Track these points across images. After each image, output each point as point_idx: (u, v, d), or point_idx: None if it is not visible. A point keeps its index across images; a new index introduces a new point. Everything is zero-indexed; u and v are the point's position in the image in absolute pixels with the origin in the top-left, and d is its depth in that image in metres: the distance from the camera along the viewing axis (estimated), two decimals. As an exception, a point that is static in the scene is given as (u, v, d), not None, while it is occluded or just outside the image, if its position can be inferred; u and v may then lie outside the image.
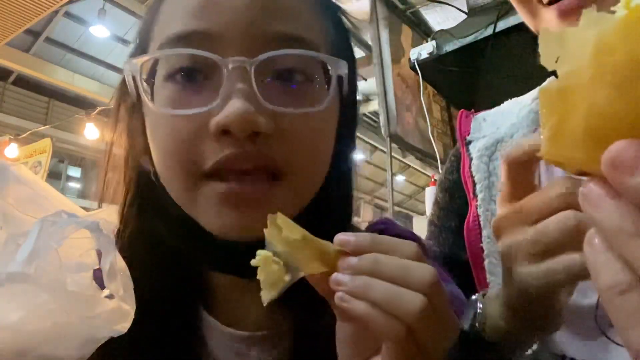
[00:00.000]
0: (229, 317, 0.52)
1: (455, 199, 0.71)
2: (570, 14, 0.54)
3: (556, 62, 0.25)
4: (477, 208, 0.66)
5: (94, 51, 7.69)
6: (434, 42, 2.52)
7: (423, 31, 3.40)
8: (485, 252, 0.64)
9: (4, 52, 5.80)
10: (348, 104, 0.49)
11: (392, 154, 3.27)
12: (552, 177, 0.64)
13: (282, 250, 0.34)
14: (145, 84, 0.43)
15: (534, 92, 0.72)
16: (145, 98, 0.43)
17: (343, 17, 0.51)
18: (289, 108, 0.41)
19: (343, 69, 0.44)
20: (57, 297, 0.48)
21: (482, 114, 0.75)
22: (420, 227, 2.87)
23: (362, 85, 8.28)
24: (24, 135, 6.98)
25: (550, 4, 0.56)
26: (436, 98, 3.35)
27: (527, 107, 0.71)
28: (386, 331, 0.33)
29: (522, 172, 0.41)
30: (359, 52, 6.59)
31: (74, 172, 10.76)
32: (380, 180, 14.00)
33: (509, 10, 2.02)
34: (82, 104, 8.26)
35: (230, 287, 0.52)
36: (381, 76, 3.17)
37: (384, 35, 3.22)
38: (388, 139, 3.12)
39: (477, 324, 0.51)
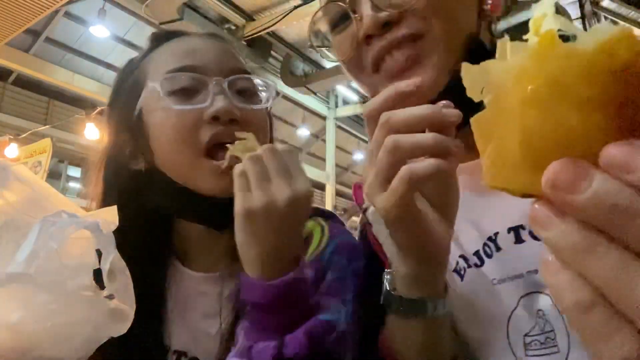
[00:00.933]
0: (196, 265, 0.74)
1: (373, 262, 0.70)
2: (396, 77, 0.59)
3: (482, 93, 0.27)
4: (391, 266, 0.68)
5: (94, 51, 7.69)
6: (434, 42, 2.52)
7: (423, 31, 3.38)
8: None
9: (4, 52, 5.79)
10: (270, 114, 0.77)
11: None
12: None
13: (242, 148, 0.60)
14: (156, 95, 0.65)
15: None
16: (167, 99, 0.64)
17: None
18: (249, 105, 0.68)
19: (276, 89, 0.73)
20: (57, 297, 0.48)
21: None
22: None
23: (362, 85, 8.29)
24: (24, 135, 6.98)
25: (375, 71, 0.60)
26: (436, 98, 3.35)
27: None
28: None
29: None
30: (359, 52, 6.60)
31: (74, 172, 10.75)
32: (380, 180, 13.96)
33: (509, 10, 2.02)
34: (82, 104, 8.25)
35: (197, 240, 0.73)
36: (381, 76, 3.18)
37: (384, 35, 3.22)
38: (388, 139, 3.12)
39: (389, 288, 0.54)
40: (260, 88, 0.72)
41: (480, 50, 0.57)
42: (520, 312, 0.56)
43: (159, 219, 0.72)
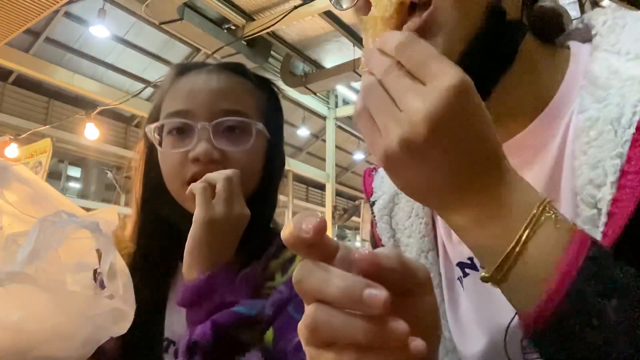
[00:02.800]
0: None
1: None
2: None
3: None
4: None
5: (94, 51, 7.68)
6: (433, 42, 2.52)
7: (423, 31, 3.39)
8: None
9: (4, 52, 5.78)
10: (274, 141, 0.84)
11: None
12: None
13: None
14: (157, 136, 0.80)
15: None
16: (157, 145, 0.80)
17: (274, 88, 0.90)
18: (230, 147, 0.77)
19: (259, 127, 0.79)
20: (57, 297, 0.48)
21: None
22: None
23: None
24: (24, 135, 6.97)
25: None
26: (436, 98, 3.35)
27: None
28: None
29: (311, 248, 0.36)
30: (359, 52, 6.60)
31: (74, 172, 10.75)
32: (380, 180, 13.93)
33: (509, 10, 2.01)
34: (82, 104, 8.24)
35: None
36: (381, 76, 3.17)
37: (384, 35, 3.22)
38: (388, 139, 3.12)
39: None
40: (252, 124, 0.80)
41: (500, 19, 0.53)
42: None
43: (172, 225, 0.83)
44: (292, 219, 0.35)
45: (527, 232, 0.38)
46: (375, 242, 0.70)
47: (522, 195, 0.40)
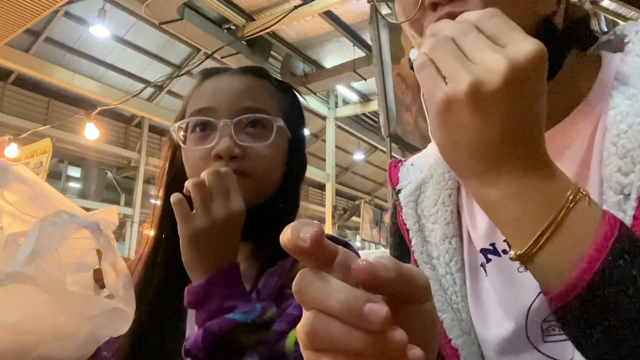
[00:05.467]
0: None
1: (404, 241, 0.71)
2: None
3: None
4: (413, 253, 0.66)
5: (94, 51, 7.68)
6: (433, 42, 2.52)
7: (423, 31, 3.38)
8: None
9: (4, 52, 5.77)
10: (295, 141, 0.86)
11: (392, 154, 3.27)
12: (471, 204, 0.64)
13: None
14: (182, 135, 0.83)
15: None
16: (180, 142, 0.83)
17: (295, 91, 0.92)
18: (251, 143, 0.79)
19: (280, 123, 0.81)
20: (57, 297, 0.48)
21: (410, 159, 0.76)
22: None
23: (362, 85, 8.30)
24: (24, 135, 6.97)
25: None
26: (436, 98, 3.34)
27: None
28: None
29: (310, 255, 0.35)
30: (359, 52, 6.60)
31: (74, 172, 10.75)
32: (380, 180, 14.00)
33: None
34: (82, 104, 8.25)
35: None
36: (381, 76, 3.18)
37: (384, 35, 3.23)
38: (388, 138, 3.13)
39: None
40: (269, 121, 0.82)
41: (551, 34, 0.53)
42: (541, 298, 0.53)
43: None
44: (289, 224, 0.35)
45: (567, 205, 0.40)
46: (399, 227, 0.72)
47: (558, 176, 0.42)
